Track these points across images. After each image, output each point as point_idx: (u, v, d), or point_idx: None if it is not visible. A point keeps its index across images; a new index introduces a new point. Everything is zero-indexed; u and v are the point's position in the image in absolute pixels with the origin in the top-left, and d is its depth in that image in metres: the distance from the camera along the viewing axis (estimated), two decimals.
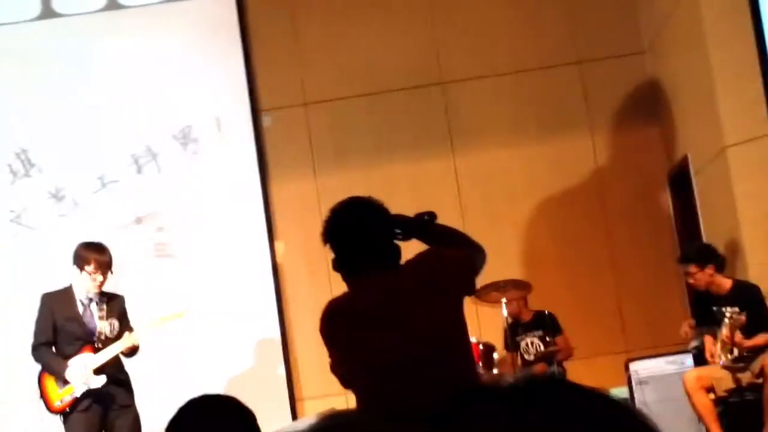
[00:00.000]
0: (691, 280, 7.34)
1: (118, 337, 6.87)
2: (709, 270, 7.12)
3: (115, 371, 6.86)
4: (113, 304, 6.97)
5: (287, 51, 9.49)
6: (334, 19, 9.51)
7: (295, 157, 9.42)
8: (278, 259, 9.24)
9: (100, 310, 6.83)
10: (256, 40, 9.50)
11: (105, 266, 6.81)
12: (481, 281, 7.97)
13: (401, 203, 9.63)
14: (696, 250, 7.47)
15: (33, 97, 9.18)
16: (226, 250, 9.06)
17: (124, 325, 7.00)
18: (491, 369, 7.91)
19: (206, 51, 9.33)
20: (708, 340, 7.13)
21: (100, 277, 6.79)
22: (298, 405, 9.06)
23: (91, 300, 6.86)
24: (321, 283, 8.57)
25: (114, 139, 9.16)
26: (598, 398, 0.97)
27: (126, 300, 7.15)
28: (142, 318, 7.15)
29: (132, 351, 6.88)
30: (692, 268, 7.27)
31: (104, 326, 6.83)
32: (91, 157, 9.13)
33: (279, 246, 9.29)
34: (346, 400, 8.43)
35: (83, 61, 9.24)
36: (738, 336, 6.77)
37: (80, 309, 6.86)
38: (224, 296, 8.94)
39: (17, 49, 9.23)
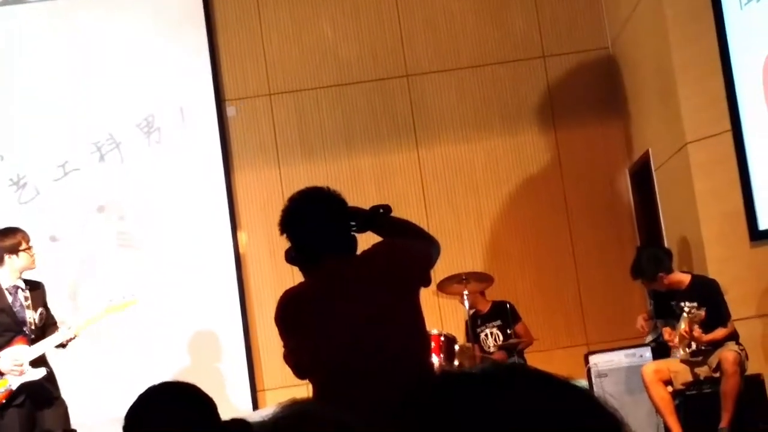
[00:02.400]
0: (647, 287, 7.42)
1: (45, 326, 6.72)
2: (660, 280, 7.14)
3: (41, 363, 6.63)
4: (38, 292, 6.78)
5: (252, 41, 9.47)
6: (300, 10, 9.50)
7: (259, 147, 9.41)
8: (241, 250, 9.23)
9: (26, 299, 6.64)
10: (222, 30, 9.47)
11: (29, 242, 6.73)
12: (443, 273, 8.03)
13: (365, 195, 9.69)
14: (645, 263, 7.28)
15: None
16: (189, 239, 9.03)
17: (50, 314, 6.85)
18: (452, 361, 7.94)
19: (171, 39, 9.29)
20: (666, 330, 7.18)
21: (33, 252, 6.73)
22: (260, 395, 9.05)
23: (17, 288, 6.67)
24: (284, 273, 8.57)
25: (77, 127, 9.10)
26: (559, 385, 0.98)
27: (93, 288, 6.98)
28: (95, 307, 6.97)
29: (68, 342, 6.66)
30: (643, 282, 7.41)
31: (33, 315, 6.63)
32: (53, 145, 9.07)
33: (242, 236, 9.28)
34: (307, 391, 8.43)
35: (46, 48, 9.17)
36: (697, 330, 6.82)
37: (9, 298, 6.63)
38: (186, 286, 8.92)
39: None
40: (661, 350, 7.47)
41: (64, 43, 9.21)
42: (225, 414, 2.69)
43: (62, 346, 6.67)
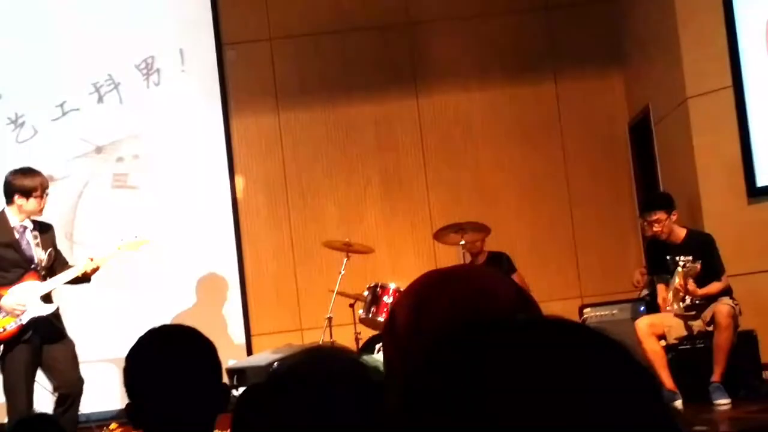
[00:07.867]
0: (656, 227, 7.16)
1: (55, 266, 6.74)
2: (674, 216, 7.12)
3: (48, 301, 6.70)
4: (47, 233, 6.82)
5: None
6: None
7: (259, 91, 9.36)
8: (238, 194, 9.22)
9: (35, 237, 6.67)
10: None
11: (46, 189, 6.71)
12: (440, 223, 8.02)
13: (363, 142, 9.63)
14: (662, 198, 7.46)
15: None
16: (186, 183, 9.03)
17: (60, 255, 6.90)
18: None
19: None
20: (660, 287, 7.21)
21: (44, 201, 6.69)
22: (253, 340, 9.09)
23: (25, 228, 6.68)
24: (280, 218, 8.58)
25: (76, 67, 9.06)
26: (593, 337, 0.87)
27: (89, 229, 6.96)
28: (102, 246, 7.02)
29: (83, 278, 6.73)
30: (661, 215, 7.12)
31: (42, 254, 6.67)
32: (52, 84, 9.03)
33: (239, 181, 9.26)
34: (301, 336, 8.48)
35: None
36: (691, 284, 6.84)
37: (16, 236, 6.66)
38: (182, 229, 8.92)
39: None
40: (655, 304, 7.50)
41: None
42: (221, 357, 2.70)
43: (86, 280, 6.73)
